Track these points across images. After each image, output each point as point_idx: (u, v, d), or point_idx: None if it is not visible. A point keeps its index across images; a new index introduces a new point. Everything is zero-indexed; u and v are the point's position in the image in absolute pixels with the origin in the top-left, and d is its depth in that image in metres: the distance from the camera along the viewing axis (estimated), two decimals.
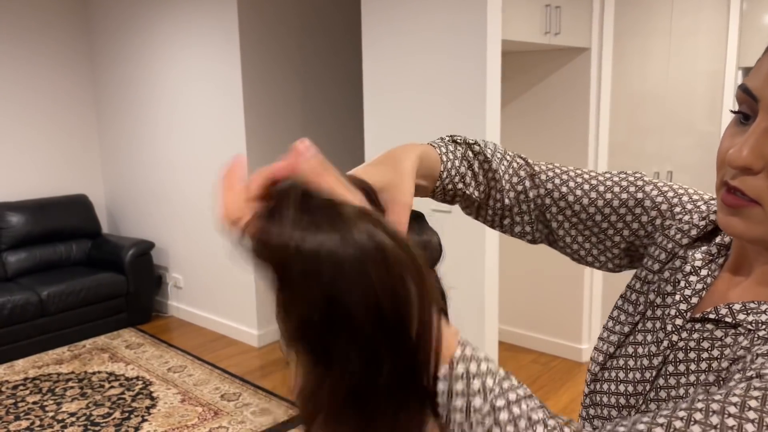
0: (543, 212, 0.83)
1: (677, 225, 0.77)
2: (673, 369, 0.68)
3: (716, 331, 0.65)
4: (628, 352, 0.75)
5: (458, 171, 0.77)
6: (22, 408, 3.31)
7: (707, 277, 0.71)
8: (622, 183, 0.81)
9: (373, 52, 3.04)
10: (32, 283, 4.15)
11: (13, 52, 4.59)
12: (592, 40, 3.37)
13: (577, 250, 0.85)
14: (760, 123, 0.58)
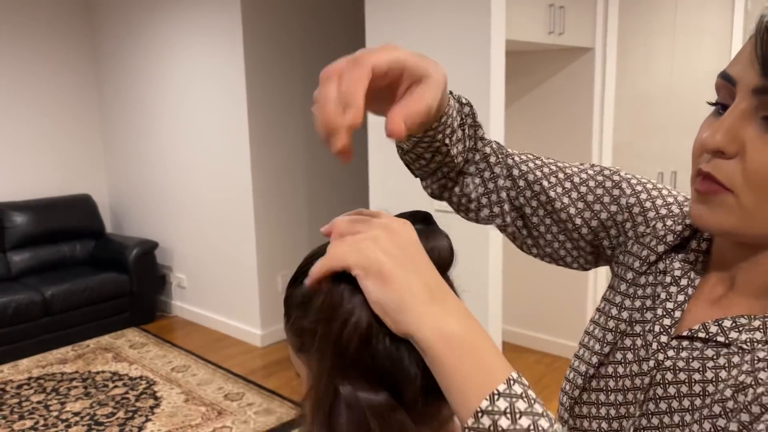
0: (516, 196, 0.79)
1: (652, 232, 0.72)
2: (663, 392, 0.63)
3: (706, 350, 0.60)
4: (608, 372, 0.70)
5: (451, 125, 0.73)
6: (26, 407, 3.32)
7: (688, 287, 0.67)
8: (598, 177, 0.77)
9: None
10: (36, 282, 4.16)
11: (18, 53, 4.60)
12: (596, 39, 3.36)
13: (536, 246, 0.81)
14: (737, 105, 0.55)
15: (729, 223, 0.57)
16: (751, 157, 0.54)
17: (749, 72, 0.54)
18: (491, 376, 0.45)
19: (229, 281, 4.28)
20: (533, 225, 0.80)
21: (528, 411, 0.44)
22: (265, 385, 3.54)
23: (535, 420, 0.44)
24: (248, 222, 4.03)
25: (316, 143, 4.32)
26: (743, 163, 0.55)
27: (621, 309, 0.72)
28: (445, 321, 0.47)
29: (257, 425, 3.10)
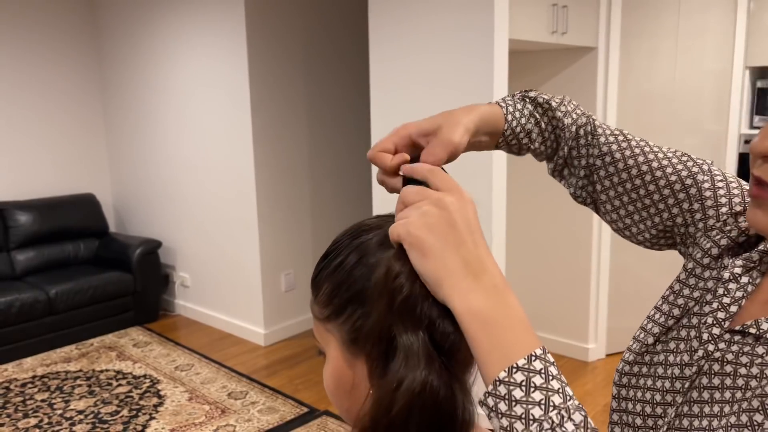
0: (592, 172, 0.81)
1: (722, 227, 0.73)
2: (708, 382, 0.64)
3: (757, 347, 0.61)
4: (660, 360, 0.71)
5: (524, 128, 0.77)
6: (30, 406, 3.33)
7: (748, 285, 0.67)
8: (678, 166, 0.77)
9: (379, 52, 3.05)
10: (40, 281, 4.18)
11: (22, 54, 4.62)
12: (599, 39, 3.37)
13: (616, 220, 0.82)
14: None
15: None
16: None
17: None
18: (512, 351, 0.48)
19: (233, 280, 4.29)
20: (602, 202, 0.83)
21: (543, 386, 0.47)
22: (269, 384, 3.55)
23: (548, 395, 0.47)
24: (251, 221, 4.04)
25: (319, 143, 4.33)
26: None
27: (678, 296, 0.74)
28: (473, 297, 0.50)
29: (261, 423, 3.11)
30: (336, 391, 0.61)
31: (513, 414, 0.47)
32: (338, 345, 0.59)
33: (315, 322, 0.62)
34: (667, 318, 0.74)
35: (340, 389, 0.60)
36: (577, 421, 0.46)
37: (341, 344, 0.59)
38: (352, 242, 0.59)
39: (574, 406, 0.47)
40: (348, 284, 0.58)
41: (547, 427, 0.46)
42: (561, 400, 0.47)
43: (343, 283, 0.58)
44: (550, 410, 0.46)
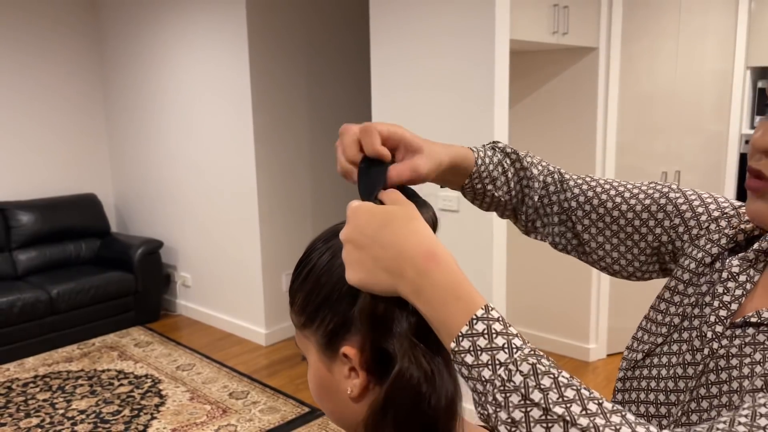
0: (569, 216, 0.84)
1: (706, 235, 0.76)
2: (715, 378, 0.66)
3: (758, 335, 0.64)
4: (661, 362, 0.73)
5: (490, 174, 0.81)
6: (32, 405, 3.34)
7: (746, 282, 0.69)
8: (648, 190, 0.81)
9: (381, 52, 3.05)
10: (42, 281, 4.19)
11: (24, 54, 4.63)
12: (600, 39, 3.37)
13: (604, 256, 0.84)
14: None
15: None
16: None
17: None
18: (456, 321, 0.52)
19: (234, 280, 4.30)
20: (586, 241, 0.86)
21: (487, 347, 0.49)
22: (270, 384, 3.55)
23: (494, 354, 0.49)
24: (253, 221, 4.05)
25: (320, 143, 4.33)
26: None
27: (677, 305, 0.76)
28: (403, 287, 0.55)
29: (262, 423, 3.12)
30: (319, 393, 0.64)
31: (472, 377, 0.50)
32: (315, 350, 0.62)
33: (295, 330, 0.66)
34: (666, 326, 0.75)
35: (323, 392, 0.63)
36: (524, 371, 0.47)
37: (318, 349, 0.62)
38: (320, 249, 0.63)
39: (521, 356, 0.48)
40: (317, 291, 0.61)
41: (498, 385, 0.48)
42: (506, 355, 0.49)
43: (313, 290, 0.61)
44: (498, 368, 0.48)
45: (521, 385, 0.47)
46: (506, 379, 0.47)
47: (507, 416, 0.47)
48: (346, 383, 0.60)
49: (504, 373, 0.48)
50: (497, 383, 0.48)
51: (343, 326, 0.59)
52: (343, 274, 0.59)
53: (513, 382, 0.47)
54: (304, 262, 0.64)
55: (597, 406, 0.46)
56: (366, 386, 0.59)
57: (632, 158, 3.59)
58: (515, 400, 0.47)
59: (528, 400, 0.46)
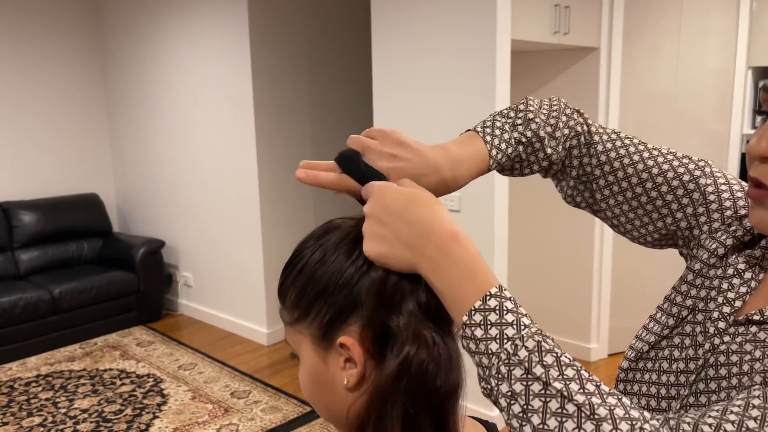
0: (590, 180, 0.81)
1: (726, 229, 0.74)
2: (714, 373, 0.66)
3: (760, 333, 0.64)
4: (664, 355, 0.73)
5: (505, 168, 0.77)
6: (34, 404, 3.35)
7: (751, 280, 0.69)
8: (679, 169, 0.77)
9: (382, 52, 3.06)
10: (44, 281, 4.20)
11: (25, 54, 4.64)
12: (602, 39, 3.37)
13: (618, 224, 0.83)
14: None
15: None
16: None
17: None
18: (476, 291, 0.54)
19: (236, 280, 4.31)
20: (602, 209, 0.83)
21: (497, 322, 0.52)
22: (272, 383, 3.56)
23: (503, 329, 0.51)
24: (254, 221, 4.05)
25: (322, 142, 4.33)
26: None
27: (685, 297, 0.75)
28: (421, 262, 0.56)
29: (263, 423, 3.12)
30: (314, 388, 0.64)
31: (479, 351, 0.52)
32: (310, 343, 0.63)
33: (286, 327, 0.67)
34: (674, 318, 0.75)
35: (318, 385, 0.64)
36: (530, 347, 0.50)
37: (312, 342, 0.62)
38: (312, 246, 0.64)
39: (528, 333, 0.51)
40: (313, 284, 0.62)
41: (504, 358, 0.50)
42: (514, 331, 0.51)
43: (308, 283, 0.62)
44: (505, 342, 0.51)
45: (525, 359, 0.49)
46: (512, 353, 0.50)
47: (508, 388, 0.49)
48: (342, 374, 0.60)
49: (510, 347, 0.50)
50: (503, 356, 0.50)
51: (340, 316, 0.60)
52: (338, 267, 0.60)
53: (518, 356, 0.49)
54: (296, 259, 0.65)
55: (595, 386, 0.48)
56: (363, 375, 0.59)
57: None
58: (518, 374, 0.49)
59: (530, 374, 0.48)
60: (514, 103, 0.77)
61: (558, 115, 0.78)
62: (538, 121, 0.75)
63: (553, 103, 0.79)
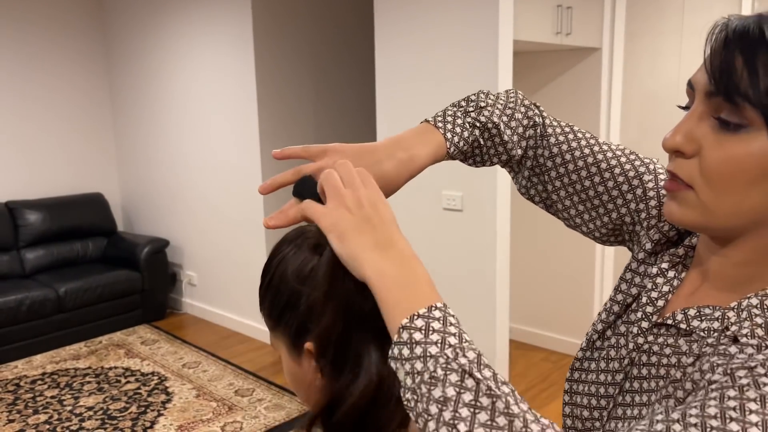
0: (543, 173, 0.83)
1: (659, 224, 0.76)
2: (637, 372, 0.68)
3: (678, 338, 0.64)
4: (603, 355, 0.75)
5: (463, 153, 0.78)
6: (40, 402, 3.38)
7: (674, 279, 0.70)
8: (626, 165, 0.79)
9: (385, 52, 3.08)
10: (50, 279, 4.23)
11: (30, 53, 4.67)
12: (604, 40, 3.38)
13: (567, 218, 0.85)
14: (694, 108, 0.61)
15: (691, 217, 0.61)
16: (706, 155, 0.59)
17: (704, 78, 0.60)
18: (415, 304, 0.54)
19: (239, 279, 4.33)
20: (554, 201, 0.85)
21: (440, 329, 0.52)
22: (275, 381, 3.58)
23: (445, 337, 0.52)
24: (258, 220, 4.07)
25: (326, 141, 4.32)
26: (700, 161, 0.59)
27: (617, 292, 0.77)
28: (382, 264, 0.58)
29: (267, 420, 3.14)
30: (295, 386, 0.71)
31: (414, 354, 0.52)
32: (285, 349, 0.69)
33: (270, 331, 0.72)
34: (609, 314, 0.77)
35: (297, 383, 0.70)
36: (470, 357, 0.51)
37: (287, 348, 0.69)
38: (279, 257, 0.70)
39: (469, 346, 0.52)
40: (278, 297, 0.67)
41: (442, 361, 0.50)
42: (457, 340, 0.52)
43: (275, 296, 0.68)
44: (446, 348, 0.51)
45: (466, 365, 0.50)
46: (452, 358, 0.50)
47: (440, 393, 0.49)
48: (314, 376, 0.66)
49: (451, 353, 0.51)
50: (441, 360, 0.51)
51: (304, 327, 0.65)
52: (298, 282, 0.65)
53: (458, 362, 0.50)
54: (267, 271, 0.71)
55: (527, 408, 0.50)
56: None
57: None
58: (453, 379, 0.50)
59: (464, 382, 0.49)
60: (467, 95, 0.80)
61: (514, 105, 0.80)
62: (491, 109, 0.78)
63: (510, 94, 0.81)
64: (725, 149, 0.57)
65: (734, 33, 0.59)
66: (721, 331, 0.60)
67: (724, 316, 0.60)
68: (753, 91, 0.55)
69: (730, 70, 0.57)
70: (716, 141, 0.58)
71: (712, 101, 0.59)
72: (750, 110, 0.55)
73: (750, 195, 0.57)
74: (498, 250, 2.84)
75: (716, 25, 0.62)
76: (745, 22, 0.58)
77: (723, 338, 0.59)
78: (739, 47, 0.57)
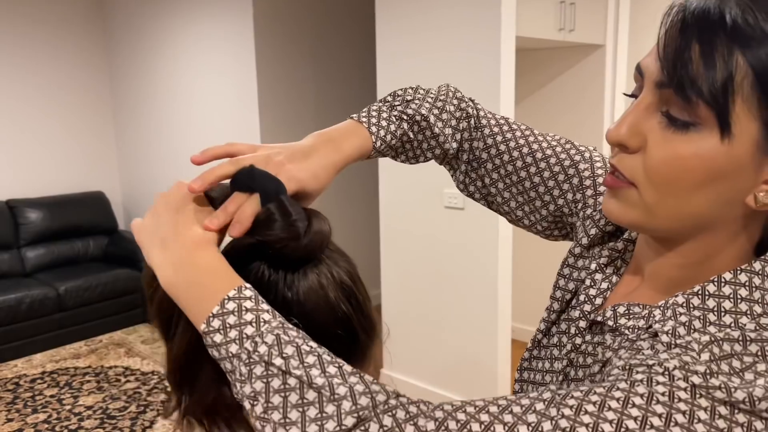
0: (480, 166, 0.80)
1: (591, 214, 0.72)
2: (574, 374, 0.65)
3: (607, 335, 0.61)
4: (547, 355, 0.72)
5: (393, 148, 0.74)
6: (39, 401, 3.36)
7: (612, 275, 0.67)
8: (561, 155, 0.76)
9: (386, 48, 3.05)
10: (50, 278, 4.21)
11: (31, 50, 4.66)
12: (607, 36, 3.35)
13: (509, 212, 0.82)
14: (642, 99, 0.55)
15: (632, 216, 0.56)
16: (651, 152, 0.53)
17: (654, 65, 0.54)
18: (206, 303, 0.51)
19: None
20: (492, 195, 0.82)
21: (236, 323, 0.49)
22: None
23: (242, 329, 0.49)
24: None
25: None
26: (645, 158, 0.54)
27: (556, 289, 0.74)
28: (164, 269, 0.55)
29: None
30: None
31: (222, 356, 0.49)
32: None
33: None
34: (550, 313, 0.73)
35: None
36: (269, 342, 0.48)
37: None
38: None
39: (268, 329, 0.49)
40: None
41: (244, 358, 0.48)
42: (254, 329, 0.49)
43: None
44: (245, 341, 0.48)
45: (265, 354, 0.48)
46: (251, 351, 0.48)
47: (250, 389, 0.47)
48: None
49: (250, 346, 0.48)
50: (243, 356, 0.48)
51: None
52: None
53: (258, 352, 0.48)
54: None
55: (336, 368, 0.47)
56: None
57: None
58: (258, 371, 0.47)
59: (269, 370, 0.47)
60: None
61: (445, 98, 0.78)
62: (419, 102, 0.75)
63: (441, 89, 0.80)
64: (672, 148, 0.52)
65: (692, 16, 0.50)
66: (645, 329, 0.56)
67: (650, 315, 0.57)
68: (708, 85, 0.48)
69: (685, 59, 0.49)
70: (663, 138, 0.52)
71: (662, 92, 0.52)
72: (703, 107, 0.49)
73: (694, 198, 0.52)
74: (500, 248, 2.81)
75: (674, 4, 0.53)
76: (706, 3, 0.50)
77: (643, 334, 0.55)
78: (696, 33, 0.49)
